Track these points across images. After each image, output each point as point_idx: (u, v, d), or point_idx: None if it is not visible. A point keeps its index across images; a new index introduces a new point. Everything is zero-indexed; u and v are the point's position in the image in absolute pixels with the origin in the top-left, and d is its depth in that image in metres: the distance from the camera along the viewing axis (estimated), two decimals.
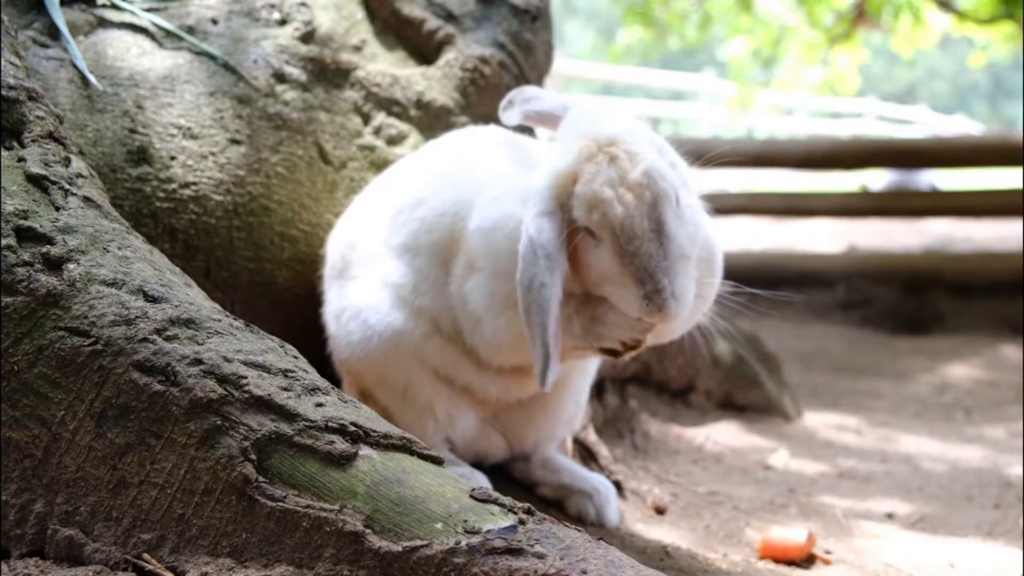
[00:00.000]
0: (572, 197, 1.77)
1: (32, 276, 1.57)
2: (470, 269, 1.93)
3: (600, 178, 1.75)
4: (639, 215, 1.74)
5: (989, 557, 2.25)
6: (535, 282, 1.74)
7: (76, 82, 2.24)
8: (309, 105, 2.51)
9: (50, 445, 1.51)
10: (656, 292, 1.73)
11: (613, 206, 1.73)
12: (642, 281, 1.73)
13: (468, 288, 1.92)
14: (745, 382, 3.40)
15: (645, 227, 1.74)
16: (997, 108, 36.97)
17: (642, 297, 1.73)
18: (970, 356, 4.93)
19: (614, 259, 1.75)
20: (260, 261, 2.37)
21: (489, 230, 1.89)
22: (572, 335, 1.87)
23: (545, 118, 1.96)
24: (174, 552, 1.44)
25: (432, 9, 2.77)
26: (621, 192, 1.74)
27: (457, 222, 1.97)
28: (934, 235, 8.25)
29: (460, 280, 1.95)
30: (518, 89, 2.03)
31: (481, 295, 1.90)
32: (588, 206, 1.75)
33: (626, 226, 1.73)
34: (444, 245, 1.99)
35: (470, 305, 1.92)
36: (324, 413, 1.50)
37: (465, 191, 1.99)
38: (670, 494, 2.53)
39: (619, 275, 1.75)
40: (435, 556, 1.34)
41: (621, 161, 1.77)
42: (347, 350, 2.09)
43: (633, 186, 1.75)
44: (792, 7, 12.97)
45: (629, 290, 1.75)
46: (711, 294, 1.99)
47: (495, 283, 1.88)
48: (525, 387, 2.11)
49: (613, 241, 1.74)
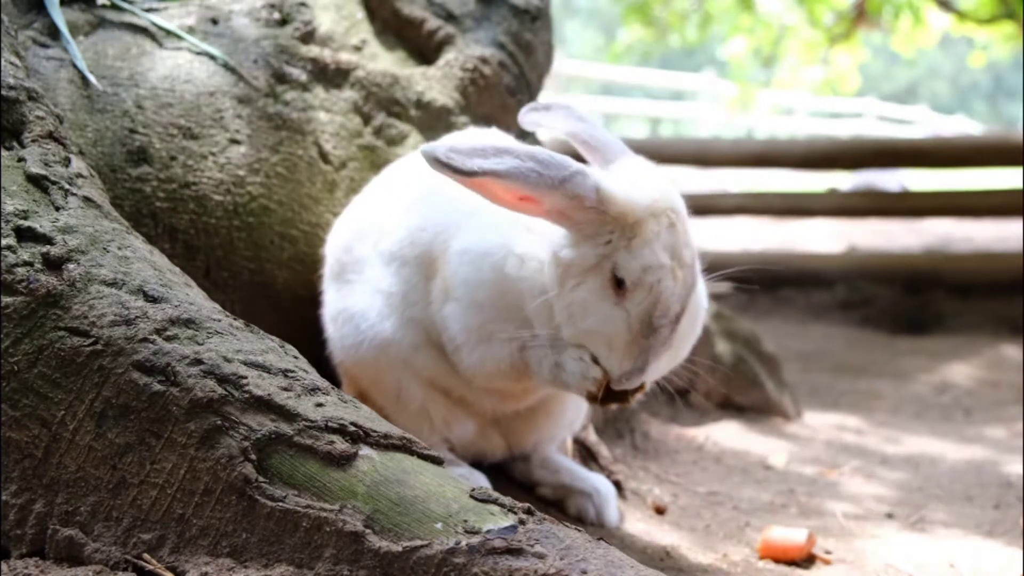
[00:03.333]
0: (627, 244, 1.71)
1: (32, 276, 1.57)
2: (446, 294, 1.91)
3: (662, 242, 1.71)
4: (679, 296, 1.73)
5: (989, 557, 2.25)
6: (539, 165, 1.66)
7: (76, 82, 2.24)
8: (309, 105, 2.51)
9: (50, 445, 1.51)
10: (638, 371, 1.74)
11: (668, 278, 1.70)
12: (638, 357, 1.72)
13: (446, 315, 1.92)
14: (745, 382, 3.40)
15: (675, 311, 1.73)
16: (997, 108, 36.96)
17: (621, 369, 1.74)
18: (970, 356, 4.93)
19: (634, 326, 1.72)
20: (260, 261, 2.37)
21: (477, 255, 1.87)
22: (541, 377, 1.86)
23: (599, 147, 1.88)
24: (174, 552, 1.44)
25: (432, 9, 2.77)
26: (674, 265, 1.72)
27: (436, 240, 1.95)
28: (934, 235, 8.25)
29: (439, 303, 1.94)
30: (566, 104, 1.97)
31: (458, 327, 1.90)
32: (644, 265, 1.70)
33: (667, 303, 1.71)
34: (424, 261, 1.98)
35: (448, 332, 1.93)
36: (324, 413, 1.50)
37: (449, 209, 1.96)
38: (670, 494, 2.53)
39: (624, 342, 1.73)
40: (435, 556, 1.34)
41: (679, 234, 1.74)
42: (342, 353, 2.10)
43: (683, 265, 1.73)
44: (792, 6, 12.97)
45: (617, 355, 1.74)
46: (688, 349, 1.98)
47: (470, 315, 1.87)
48: (519, 401, 2.11)
49: (647, 310, 1.71)
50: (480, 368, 1.92)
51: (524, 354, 1.87)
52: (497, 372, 1.92)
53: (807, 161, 6.57)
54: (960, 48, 26.92)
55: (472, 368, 1.93)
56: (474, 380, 1.98)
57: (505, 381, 1.96)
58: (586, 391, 1.81)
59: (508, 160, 1.65)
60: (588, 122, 1.92)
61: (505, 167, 1.65)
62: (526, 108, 1.99)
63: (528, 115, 1.98)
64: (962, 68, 33.62)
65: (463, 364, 1.94)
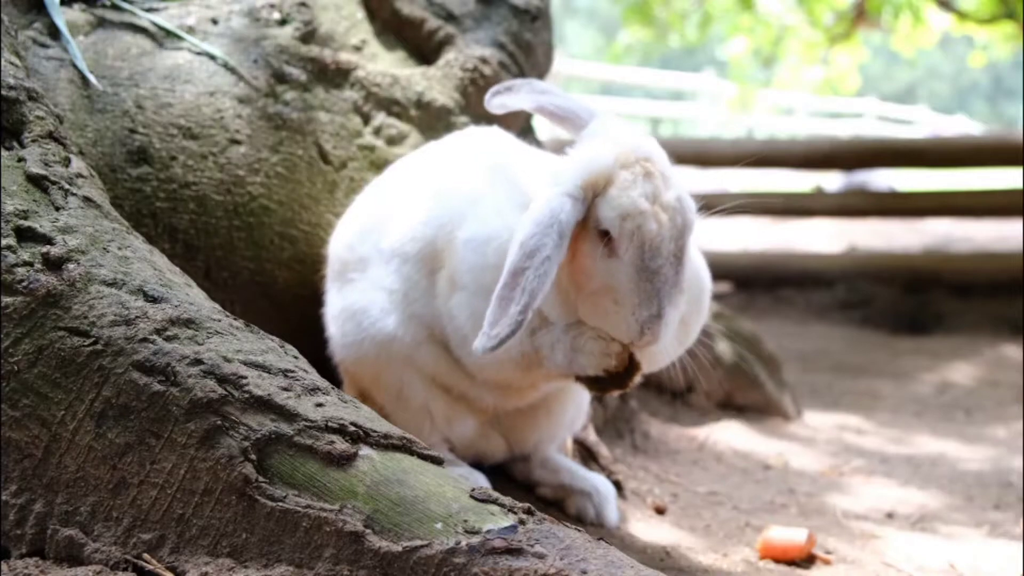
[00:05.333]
0: (603, 198, 1.74)
1: (32, 276, 1.57)
2: (452, 284, 1.91)
3: (637, 189, 1.73)
4: (668, 237, 1.73)
5: (989, 557, 2.25)
6: (541, 252, 1.67)
7: (76, 82, 2.24)
8: (309, 105, 2.51)
9: (50, 445, 1.51)
10: (655, 317, 1.73)
11: (649, 220, 1.72)
12: (648, 302, 1.72)
13: (452, 305, 1.92)
14: (745, 382, 3.40)
15: (671, 250, 1.73)
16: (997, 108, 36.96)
17: (638, 319, 1.73)
18: (970, 356, 4.93)
19: (630, 273, 1.73)
20: (260, 261, 2.37)
21: (482, 242, 1.87)
22: (555, 363, 1.86)
23: (566, 116, 1.90)
24: (174, 552, 1.44)
25: (432, 9, 2.78)
26: (656, 209, 1.73)
27: (441, 233, 1.96)
28: (934, 235, 8.25)
29: (445, 295, 1.94)
30: (524, 80, 1.98)
31: (465, 315, 1.89)
32: (623, 213, 1.72)
33: (655, 244, 1.72)
34: (428, 255, 1.98)
35: (455, 322, 1.92)
36: (324, 413, 1.50)
37: (452, 203, 1.97)
38: (670, 494, 2.53)
39: (627, 291, 1.73)
40: (435, 556, 1.34)
41: (656, 179, 1.75)
42: (343, 352, 2.10)
43: (667, 207, 1.74)
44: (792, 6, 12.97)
45: (627, 309, 1.74)
46: (696, 330, 2.00)
47: (477, 302, 1.85)
48: (523, 397, 2.11)
49: (637, 255, 1.72)
50: (491, 358, 1.88)
51: (535, 340, 1.87)
52: (508, 361, 1.90)
53: (807, 161, 6.58)
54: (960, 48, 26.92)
55: (481, 360, 1.91)
56: (482, 372, 1.97)
57: (515, 371, 1.94)
58: (608, 366, 1.81)
59: (524, 282, 1.66)
60: (552, 92, 1.93)
61: (528, 292, 1.65)
62: (491, 92, 1.98)
63: (494, 99, 1.98)
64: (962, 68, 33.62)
65: (472, 357, 1.92)
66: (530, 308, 1.65)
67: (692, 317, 1.95)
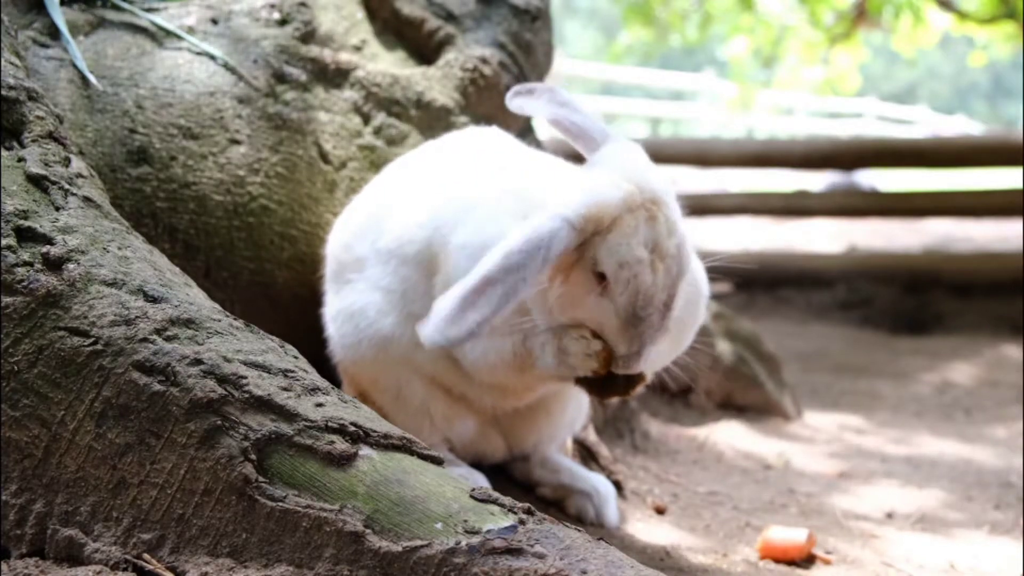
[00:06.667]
0: (603, 241, 1.72)
1: (32, 276, 1.57)
2: (447, 289, 1.92)
3: (639, 236, 1.72)
4: (662, 287, 1.74)
5: (989, 557, 2.25)
6: (520, 272, 1.65)
7: (76, 82, 2.24)
8: (309, 105, 2.51)
9: (50, 445, 1.51)
10: (635, 355, 1.75)
11: (645, 272, 1.71)
12: (630, 343, 1.74)
13: None
14: (745, 382, 3.40)
15: (662, 299, 1.74)
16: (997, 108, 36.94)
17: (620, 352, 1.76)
18: (970, 356, 4.93)
19: (617, 316, 1.74)
20: (260, 261, 2.37)
21: (476, 248, 1.85)
22: (546, 364, 1.85)
23: (580, 134, 1.88)
24: (174, 552, 1.44)
25: (432, 9, 2.77)
26: (654, 259, 1.72)
27: (436, 236, 1.96)
28: (934, 235, 8.25)
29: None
30: (547, 86, 1.97)
31: None
32: (621, 262, 1.71)
33: (648, 295, 1.72)
34: (425, 257, 1.98)
35: None
36: (324, 413, 1.50)
37: (449, 207, 1.97)
38: (670, 494, 2.53)
39: (612, 329, 1.75)
40: (435, 556, 1.34)
41: (659, 225, 1.74)
42: (341, 352, 2.10)
43: (665, 255, 1.73)
44: (793, 6, 12.97)
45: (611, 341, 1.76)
46: (690, 337, 2.00)
47: None
48: (520, 398, 2.11)
49: (628, 303, 1.72)
50: (484, 361, 1.92)
51: (527, 343, 1.87)
52: (501, 363, 1.91)
53: (807, 161, 6.57)
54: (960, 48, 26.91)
55: (476, 362, 1.93)
56: (478, 374, 1.98)
57: (509, 373, 1.95)
58: (591, 368, 1.80)
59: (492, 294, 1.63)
60: (570, 106, 1.91)
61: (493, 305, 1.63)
62: (512, 92, 1.98)
63: (514, 100, 1.98)
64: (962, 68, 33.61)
65: (467, 359, 1.94)
66: (488, 323, 1.64)
67: (686, 327, 1.95)
